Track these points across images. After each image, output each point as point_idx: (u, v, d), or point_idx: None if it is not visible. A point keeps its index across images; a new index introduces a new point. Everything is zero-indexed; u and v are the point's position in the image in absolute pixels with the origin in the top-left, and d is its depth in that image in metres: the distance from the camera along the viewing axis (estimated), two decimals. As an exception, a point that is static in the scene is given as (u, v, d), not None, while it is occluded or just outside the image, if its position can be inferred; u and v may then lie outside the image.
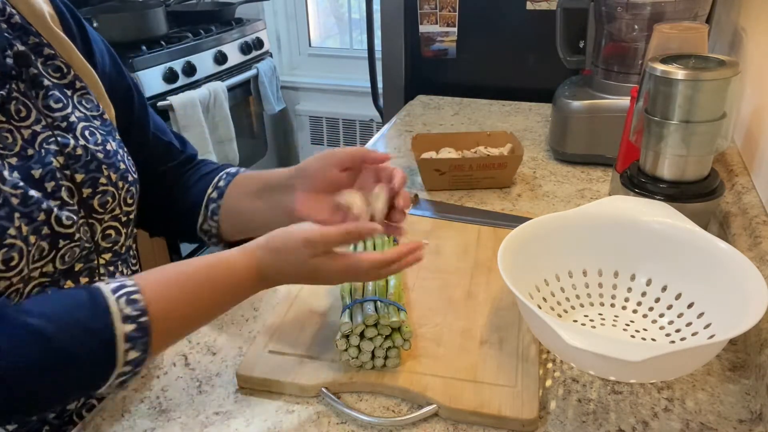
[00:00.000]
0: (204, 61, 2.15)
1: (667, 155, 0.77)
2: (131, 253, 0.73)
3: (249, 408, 0.61)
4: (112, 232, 0.67)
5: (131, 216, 0.70)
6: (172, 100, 1.95)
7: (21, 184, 0.56)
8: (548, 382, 0.64)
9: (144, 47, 1.96)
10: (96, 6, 2.25)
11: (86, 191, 0.63)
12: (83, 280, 0.64)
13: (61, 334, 0.48)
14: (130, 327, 0.50)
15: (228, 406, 0.62)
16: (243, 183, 0.76)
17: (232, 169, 0.78)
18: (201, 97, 2.05)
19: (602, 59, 1.13)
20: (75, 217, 0.60)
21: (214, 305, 0.58)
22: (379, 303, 0.64)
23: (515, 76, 1.57)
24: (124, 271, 0.71)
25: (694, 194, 0.77)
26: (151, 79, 1.93)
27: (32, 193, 0.56)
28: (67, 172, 0.61)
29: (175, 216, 0.79)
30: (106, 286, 0.51)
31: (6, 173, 0.55)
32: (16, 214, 0.55)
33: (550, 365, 0.66)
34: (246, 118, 2.48)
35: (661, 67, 0.74)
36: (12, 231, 0.54)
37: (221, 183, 0.76)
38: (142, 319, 0.50)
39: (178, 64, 2.03)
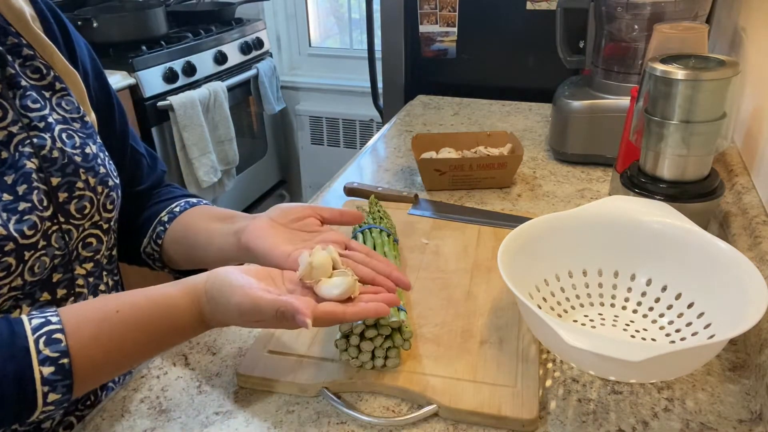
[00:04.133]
0: (204, 61, 2.15)
1: (667, 155, 0.77)
2: (116, 263, 0.71)
3: (249, 408, 0.61)
4: (92, 240, 0.64)
5: (112, 223, 0.67)
6: (172, 100, 1.95)
7: None
8: (548, 382, 0.64)
9: (144, 47, 1.96)
10: (96, 6, 2.25)
11: (62, 195, 0.60)
12: (61, 291, 0.62)
13: None
14: (48, 369, 0.47)
15: (228, 406, 0.62)
16: (202, 210, 0.74)
17: (194, 199, 0.76)
18: (201, 97, 2.05)
19: (602, 59, 1.13)
20: (39, 224, 0.57)
21: (150, 344, 0.54)
22: (379, 303, 0.64)
23: (515, 76, 1.57)
24: (109, 282, 0.69)
25: (694, 194, 0.77)
26: (151, 79, 1.93)
27: None
28: (42, 175, 0.58)
29: (123, 236, 0.75)
30: (29, 323, 0.49)
31: None
32: None
33: (550, 365, 0.66)
34: (246, 118, 2.48)
35: (661, 67, 0.74)
36: None
37: (177, 209, 0.74)
38: (63, 361, 0.47)
39: (178, 64, 2.03)
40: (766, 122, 0.90)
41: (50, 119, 0.61)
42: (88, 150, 0.63)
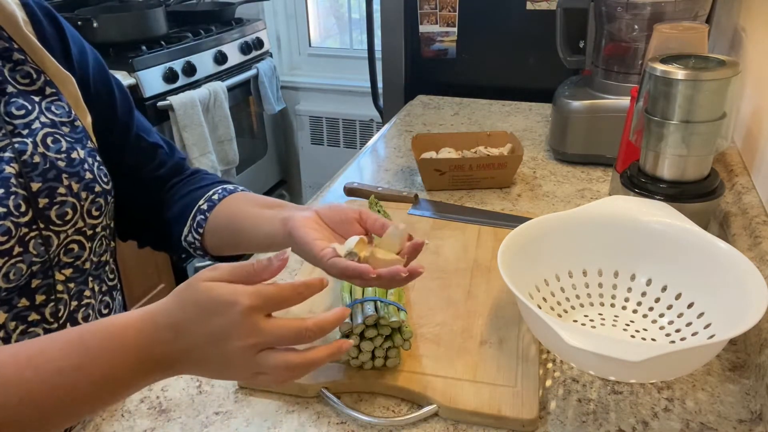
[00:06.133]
0: (204, 61, 2.15)
1: (667, 155, 0.77)
2: (108, 268, 0.70)
3: (249, 408, 0.61)
4: (74, 246, 0.63)
5: (98, 229, 0.66)
6: (172, 100, 1.95)
7: None
8: (548, 382, 0.64)
9: (144, 47, 1.96)
10: (96, 6, 2.25)
11: (42, 201, 0.59)
12: (39, 297, 0.60)
13: None
14: None
15: (228, 406, 0.62)
16: (245, 196, 0.73)
17: (230, 186, 0.76)
18: (201, 97, 2.05)
19: (602, 59, 1.13)
20: (14, 230, 0.56)
21: (73, 375, 0.45)
22: (379, 303, 0.64)
23: (515, 76, 1.57)
24: (95, 287, 0.67)
25: (694, 194, 0.77)
26: (151, 79, 1.93)
27: None
28: (22, 180, 0.57)
29: (160, 226, 0.75)
30: None
31: None
32: None
33: (550, 365, 0.66)
34: (246, 118, 2.48)
35: (661, 67, 0.74)
36: None
37: (215, 196, 0.73)
38: None
39: (178, 64, 2.03)
40: (766, 122, 0.90)
41: (36, 124, 0.61)
42: (74, 155, 0.62)
